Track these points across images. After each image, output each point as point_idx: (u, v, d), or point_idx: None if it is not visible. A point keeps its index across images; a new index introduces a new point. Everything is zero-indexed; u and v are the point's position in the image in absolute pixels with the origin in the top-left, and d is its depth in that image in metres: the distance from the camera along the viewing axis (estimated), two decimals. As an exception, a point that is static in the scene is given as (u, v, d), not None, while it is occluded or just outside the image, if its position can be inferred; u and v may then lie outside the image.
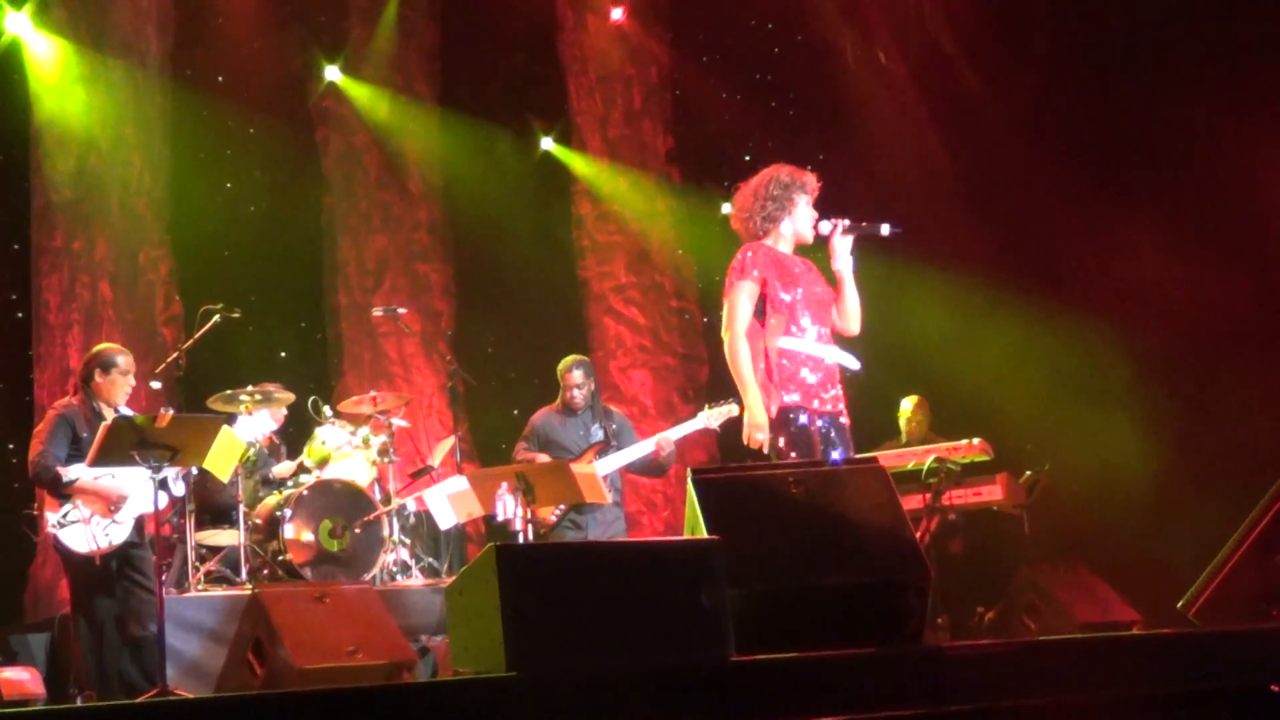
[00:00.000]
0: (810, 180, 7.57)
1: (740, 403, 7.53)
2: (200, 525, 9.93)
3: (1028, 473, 10.96)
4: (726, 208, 9.37)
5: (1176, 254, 11.80)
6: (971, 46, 13.22)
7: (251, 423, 9.74)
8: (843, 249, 7.51)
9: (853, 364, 7.54)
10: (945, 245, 12.94)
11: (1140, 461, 11.92)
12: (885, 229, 7.48)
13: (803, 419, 7.31)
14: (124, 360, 8.86)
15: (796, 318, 7.42)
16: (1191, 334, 11.89)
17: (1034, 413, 12.06)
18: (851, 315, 7.55)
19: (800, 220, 7.53)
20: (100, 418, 8.56)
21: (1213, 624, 7.25)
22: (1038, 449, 11.55)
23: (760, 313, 7.44)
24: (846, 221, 7.51)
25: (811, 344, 7.41)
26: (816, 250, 7.65)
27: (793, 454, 7.20)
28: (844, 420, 7.48)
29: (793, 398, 7.32)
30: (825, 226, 7.52)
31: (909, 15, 13.61)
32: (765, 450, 7.30)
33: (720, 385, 7.74)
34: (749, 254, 7.49)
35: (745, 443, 7.37)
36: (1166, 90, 12.04)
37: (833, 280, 7.59)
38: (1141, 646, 6.33)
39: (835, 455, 7.25)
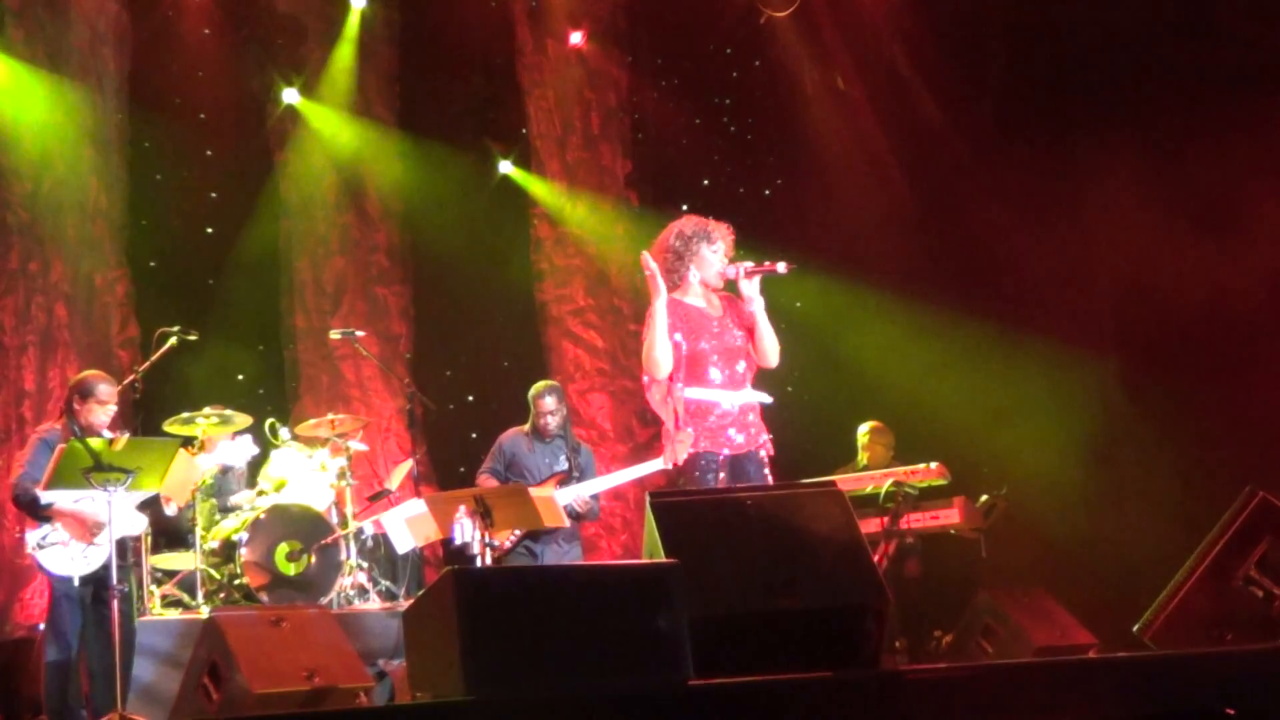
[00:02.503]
0: (716, 229, 7.81)
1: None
2: (156, 549, 9.87)
3: (985, 497, 10.98)
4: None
5: (1134, 278, 11.88)
6: (929, 73, 13.30)
7: (234, 448, 9.77)
8: (749, 291, 7.70)
9: (765, 399, 7.78)
10: (901, 270, 12.99)
11: (1097, 486, 11.99)
12: (782, 267, 7.68)
13: (704, 463, 7.55)
14: (104, 388, 8.93)
15: (700, 366, 7.59)
16: (1148, 358, 11.96)
17: (991, 436, 12.11)
18: (767, 352, 7.76)
19: (706, 268, 7.75)
20: (81, 442, 8.55)
21: (1168, 647, 7.29)
22: (995, 473, 11.59)
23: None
24: (748, 264, 7.71)
25: (715, 390, 7.58)
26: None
27: None
28: (763, 455, 7.69)
29: (695, 446, 7.56)
30: (731, 271, 7.75)
31: (867, 42, 13.68)
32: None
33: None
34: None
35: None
36: (1122, 117, 12.13)
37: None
38: (1098, 670, 6.35)
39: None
